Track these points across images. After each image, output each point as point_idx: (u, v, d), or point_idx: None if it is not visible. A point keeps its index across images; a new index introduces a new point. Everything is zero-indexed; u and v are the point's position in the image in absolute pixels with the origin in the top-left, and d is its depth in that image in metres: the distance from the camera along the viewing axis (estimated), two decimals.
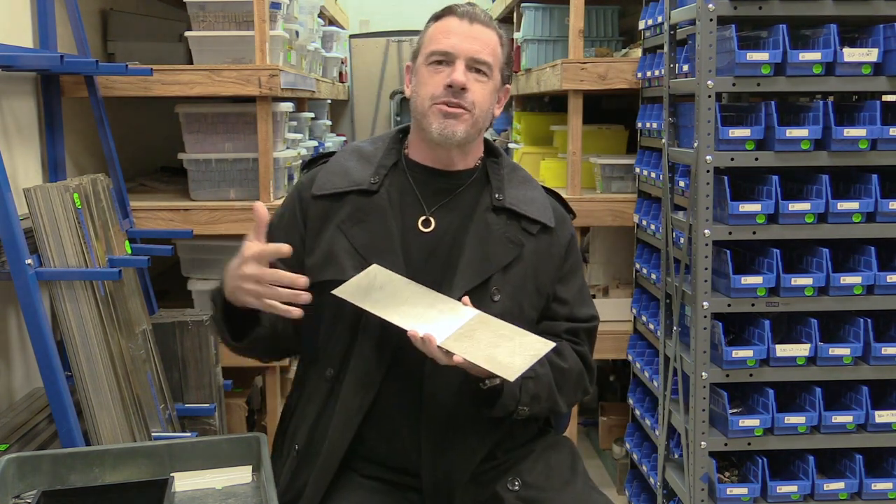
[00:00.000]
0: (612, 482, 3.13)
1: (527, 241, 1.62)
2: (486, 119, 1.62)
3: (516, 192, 1.65)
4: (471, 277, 1.56)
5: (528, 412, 1.55)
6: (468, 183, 1.66)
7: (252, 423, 3.08)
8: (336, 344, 1.58)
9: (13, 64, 2.07)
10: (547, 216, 1.66)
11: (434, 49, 1.58)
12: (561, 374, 1.60)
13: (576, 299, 1.69)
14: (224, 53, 2.74)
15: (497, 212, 1.62)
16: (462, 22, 1.59)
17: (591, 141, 3.19)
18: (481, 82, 1.58)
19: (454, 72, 1.56)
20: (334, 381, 1.57)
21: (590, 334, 1.71)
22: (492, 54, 1.60)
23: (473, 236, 1.59)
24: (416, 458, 1.56)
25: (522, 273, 1.60)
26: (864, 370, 2.22)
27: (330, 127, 4.59)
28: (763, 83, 2.14)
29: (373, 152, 1.68)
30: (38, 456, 1.42)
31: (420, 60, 1.62)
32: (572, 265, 1.70)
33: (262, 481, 1.42)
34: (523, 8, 3.54)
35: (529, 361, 1.41)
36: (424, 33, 1.64)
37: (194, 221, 2.67)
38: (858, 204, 2.17)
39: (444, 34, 1.59)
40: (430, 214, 1.62)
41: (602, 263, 3.14)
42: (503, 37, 1.64)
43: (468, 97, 1.56)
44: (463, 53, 1.57)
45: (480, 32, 1.59)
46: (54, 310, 2.10)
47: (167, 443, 1.47)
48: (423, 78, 1.59)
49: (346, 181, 1.63)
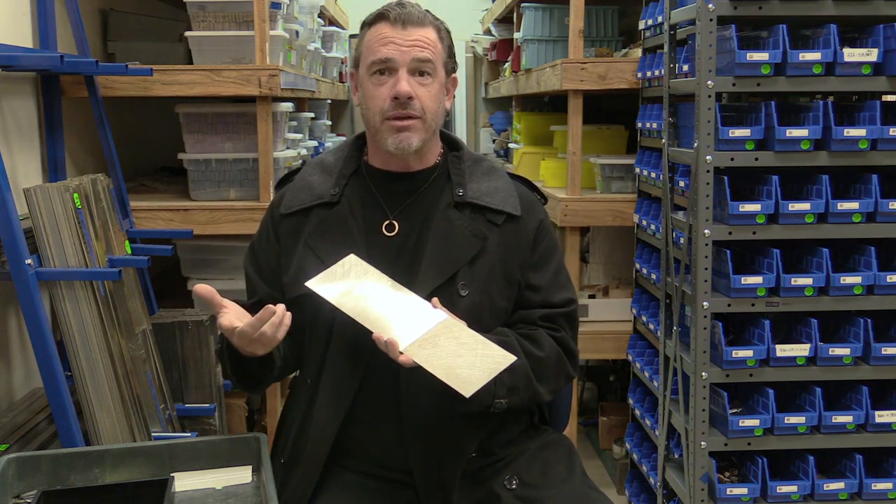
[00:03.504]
0: (612, 482, 3.13)
1: (491, 233, 1.61)
2: (438, 118, 1.62)
3: (478, 185, 1.65)
4: (435, 276, 1.57)
5: (506, 405, 1.54)
6: (429, 182, 1.66)
7: (252, 423, 3.07)
8: (311, 354, 1.60)
9: (13, 64, 2.07)
10: (512, 205, 1.64)
11: (373, 59, 1.57)
12: (538, 363, 1.59)
13: (550, 285, 1.67)
14: (224, 53, 2.74)
15: (460, 207, 1.62)
16: (395, 27, 1.57)
17: (591, 141, 3.19)
18: (426, 84, 1.57)
19: (398, 82, 1.55)
20: (313, 391, 1.59)
21: (568, 318, 1.68)
22: (433, 52, 1.58)
23: (435, 235, 1.60)
24: (403, 456, 1.57)
25: (489, 265, 1.60)
26: (864, 370, 2.22)
27: (330, 127, 4.59)
28: (763, 83, 2.14)
29: (334, 163, 1.69)
30: (38, 456, 1.42)
31: (362, 71, 1.61)
32: (544, 251, 1.68)
33: (262, 481, 1.42)
34: (523, 8, 3.54)
35: (488, 376, 1.42)
36: (361, 41, 1.62)
37: (194, 221, 2.67)
38: (858, 204, 2.17)
39: (380, 42, 1.57)
40: (393, 218, 1.63)
41: (602, 263, 3.14)
42: (441, 28, 1.62)
43: (416, 104, 1.56)
44: (403, 60, 1.55)
45: (416, 33, 1.57)
46: (54, 310, 2.10)
47: (167, 443, 1.47)
48: (369, 91, 1.58)
49: (309, 196, 1.65)
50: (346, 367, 1.56)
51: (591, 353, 3.07)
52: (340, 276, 1.52)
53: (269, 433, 2.75)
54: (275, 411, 2.82)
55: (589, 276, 3.12)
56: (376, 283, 1.52)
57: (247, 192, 2.77)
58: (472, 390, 1.39)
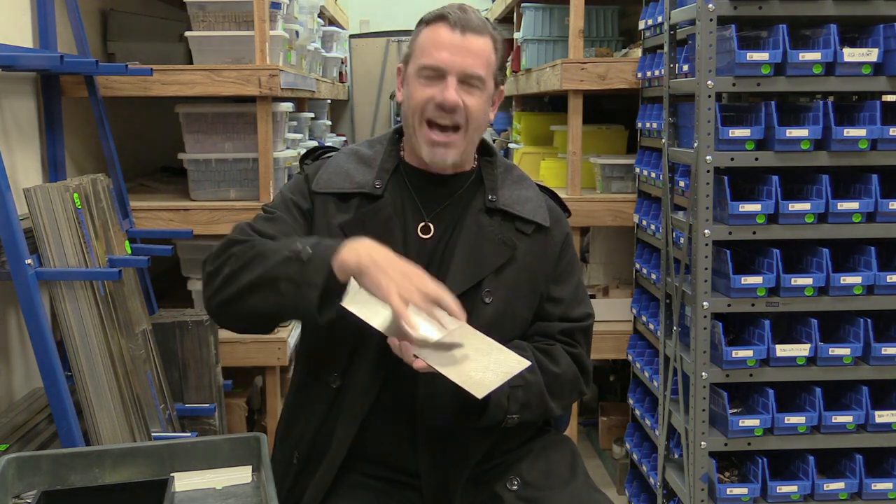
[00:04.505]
0: (612, 482, 3.13)
1: (520, 242, 1.60)
2: (481, 130, 1.60)
3: (510, 193, 1.64)
4: (462, 281, 1.55)
5: (518, 420, 1.54)
6: (465, 187, 1.64)
7: (252, 423, 3.07)
8: (340, 352, 1.57)
9: (13, 64, 2.07)
10: (541, 216, 1.64)
11: (424, 63, 1.54)
12: (554, 379, 1.58)
13: (571, 299, 1.67)
14: (224, 53, 2.74)
15: (490, 213, 1.61)
16: (454, 33, 1.53)
17: (591, 141, 3.19)
18: (474, 95, 1.54)
19: (446, 89, 1.52)
20: (339, 389, 1.57)
21: (585, 333, 1.69)
22: (485, 65, 1.55)
23: (465, 239, 1.58)
24: (414, 458, 1.57)
25: (516, 274, 1.59)
26: (864, 370, 2.22)
27: (330, 127, 4.59)
28: (763, 83, 2.14)
29: (372, 156, 1.65)
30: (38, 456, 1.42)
31: (411, 69, 1.57)
32: (567, 264, 1.68)
33: (262, 481, 1.41)
34: (523, 8, 3.54)
35: (501, 379, 1.40)
36: (415, 39, 1.59)
37: (194, 221, 2.67)
38: (858, 204, 2.17)
39: (435, 46, 1.53)
40: (428, 220, 1.61)
41: (602, 263, 3.14)
42: (498, 39, 1.59)
43: (461, 113, 1.53)
44: (455, 69, 1.52)
45: (473, 43, 1.53)
46: (54, 310, 2.10)
47: (167, 443, 1.47)
48: (415, 91, 1.55)
49: (348, 183, 1.61)
50: (371, 371, 1.54)
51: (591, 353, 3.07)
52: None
53: (269, 433, 2.75)
54: (275, 411, 2.82)
55: (589, 276, 3.12)
56: None
57: (247, 192, 2.77)
58: (484, 392, 1.38)
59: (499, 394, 1.46)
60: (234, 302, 1.46)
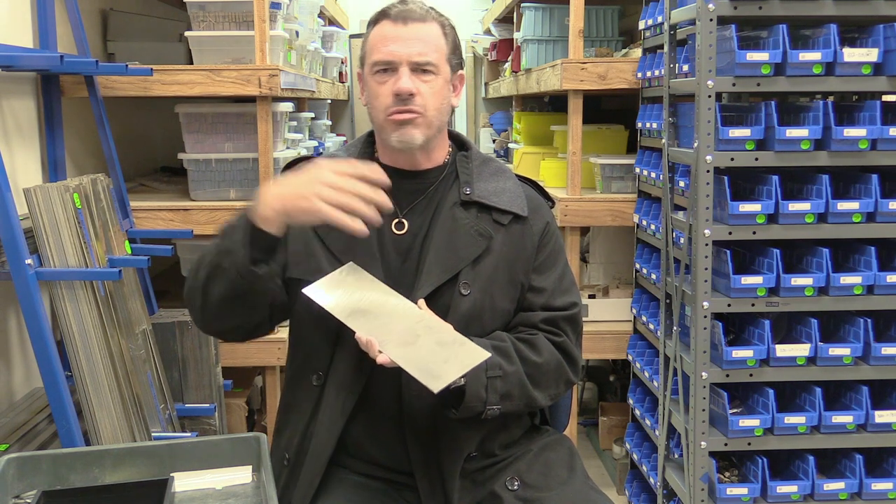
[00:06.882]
0: (612, 482, 3.13)
1: (497, 233, 1.61)
2: (443, 115, 1.61)
3: (486, 185, 1.64)
4: (438, 275, 1.56)
5: (499, 411, 1.54)
6: (438, 181, 1.65)
7: (252, 423, 3.08)
8: (321, 350, 1.59)
9: (13, 64, 2.07)
10: (518, 205, 1.64)
11: (375, 59, 1.57)
12: (535, 369, 1.58)
13: (554, 288, 1.65)
14: (224, 53, 2.74)
15: (466, 206, 1.61)
16: (397, 25, 1.56)
17: (591, 141, 3.19)
18: (428, 81, 1.56)
19: (399, 79, 1.54)
20: (321, 388, 1.58)
21: (571, 322, 1.66)
22: (435, 50, 1.57)
23: (439, 233, 1.59)
24: (404, 455, 1.57)
25: (493, 265, 1.59)
26: (864, 370, 2.22)
27: (330, 127, 4.59)
28: (763, 83, 2.14)
29: (346, 158, 1.66)
30: (38, 456, 1.42)
31: (366, 71, 1.60)
32: (550, 253, 1.67)
33: (262, 481, 1.41)
34: (523, 8, 3.54)
35: (459, 371, 1.42)
36: (365, 41, 1.61)
37: (194, 221, 2.67)
38: (858, 204, 2.17)
39: (382, 42, 1.56)
40: (402, 216, 1.62)
41: (602, 263, 3.14)
42: (446, 24, 1.61)
43: (417, 101, 1.55)
44: (404, 59, 1.54)
45: (418, 31, 1.56)
46: (54, 310, 2.10)
47: (167, 443, 1.47)
48: (373, 90, 1.58)
49: None
50: (354, 367, 1.56)
51: (591, 353, 3.07)
52: (338, 282, 1.53)
53: (269, 433, 2.74)
54: (275, 411, 2.81)
55: (589, 276, 3.12)
56: (371, 291, 1.52)
57: (247, 192, 2.77)
58: (440, 386, 1.39)
59: (475, 385, 1.48)
60: (208, 306, 1.55)
